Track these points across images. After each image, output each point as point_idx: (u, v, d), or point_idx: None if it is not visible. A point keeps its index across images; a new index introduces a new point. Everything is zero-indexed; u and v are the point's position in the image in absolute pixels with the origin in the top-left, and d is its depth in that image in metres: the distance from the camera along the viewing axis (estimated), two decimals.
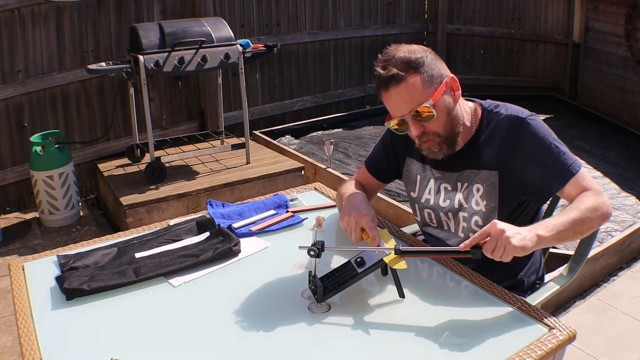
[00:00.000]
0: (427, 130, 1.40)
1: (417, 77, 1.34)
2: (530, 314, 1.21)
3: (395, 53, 1.37)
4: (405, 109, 1.36)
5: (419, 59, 1.35)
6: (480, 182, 1.46)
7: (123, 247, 1.50)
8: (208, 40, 3.33)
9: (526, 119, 1.41)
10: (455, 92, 1.42)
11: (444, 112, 1.38)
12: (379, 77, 1.37)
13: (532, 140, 1.40)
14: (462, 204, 1.50)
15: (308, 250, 1.25)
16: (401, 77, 1.33)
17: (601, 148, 4.34)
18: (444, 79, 1.38)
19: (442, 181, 1.53)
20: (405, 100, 1.35)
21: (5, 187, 3.56)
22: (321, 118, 4.93)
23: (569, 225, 1.26)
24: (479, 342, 1.13)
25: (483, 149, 1.45)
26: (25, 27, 3.44)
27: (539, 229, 1.23)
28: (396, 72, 1.33)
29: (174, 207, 3.25)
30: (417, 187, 1.59)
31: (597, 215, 1.31)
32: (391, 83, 1.34)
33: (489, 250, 1.19)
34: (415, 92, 1.34)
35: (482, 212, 1.47)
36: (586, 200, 1.32)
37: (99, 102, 3.83)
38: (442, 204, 1.53)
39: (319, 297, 1.24)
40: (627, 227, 3.03)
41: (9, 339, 2.36)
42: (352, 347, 1.13)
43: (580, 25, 5.09)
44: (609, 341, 2.35)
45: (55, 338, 1.16)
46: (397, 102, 1.37)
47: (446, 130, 1.41)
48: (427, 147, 1.43)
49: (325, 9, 4.89)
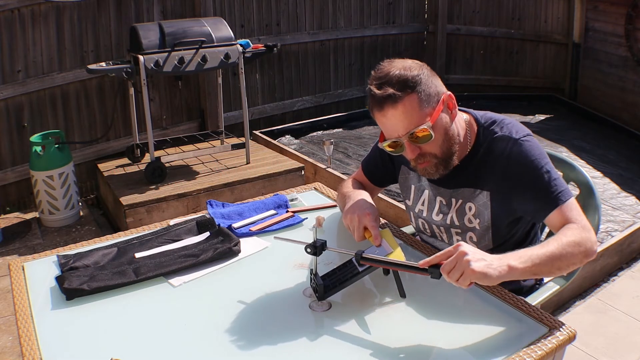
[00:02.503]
0: (423, 151, 1.34)
1: (414, 97, 1.27)
2: (530, 314, 1.21)
3: (389, 70, 1.30)
4: (402, 130, 1.30)
5: (416, 77, 1.28)
6: (473, 201, 1.43)
7: (123, 247, 1.50)
8: (208, 40, 3.33)
9: (519, 140, 1.36)
10: (452, 110, 1.36)
11: (441, 132, 1.33)
12: (374, 97, 1.29)
13: (523, 163, 1.35)
14: (454, 222, 1.47)
15: (305, 247, 1.25)
16: (398, 97, 1.26)
17: (601, 148, 4.34)
18: (441, 96, 1.33)
19: (437, 194, 1.50)
20: (401, 121, 1.29)
21: (5, 187, 3.56)
22: (321, 118, 4.93)
23: (546, 259, 1.18)
24: (479, 342, 1.13)
25: (477, 168, 1.41)
26: (25, 27, 3.44)
27: (511, 258, 1.15)
28: (392, 92, 1.26)
29: (174, 207, 3.25)
30: (411, 196, 1.58)
31: (580, 251, 1.22)
32: (387, 103, 1.27)
33: (446, 270, 1.13)
34: (413, 113, 1.28)
35: (476, 230, 1.45)
36: (569, 233, 1.24)
37: (99, 102, 3.83)
38: (435, 218, 1.51)
39: (319, 295, 1.24)
40: (627, 227, 3.03)
41: (9, 339, 2.36)
42: (352, 346, 1.13)
43: (580, 25, 5.09)
44: (609, 341, 2.35)
45: (55, 338, 1.16)
46: (393, 123, 1.30)
47: (443, 150, 1.35)
48: (422, 168, 1.38)
49: (325, 9, 4.89)
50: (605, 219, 3.14)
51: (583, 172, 1.65)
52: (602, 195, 3.47)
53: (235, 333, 1.17)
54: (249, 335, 1.16)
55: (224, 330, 1.18)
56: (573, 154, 4.06)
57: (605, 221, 3.12)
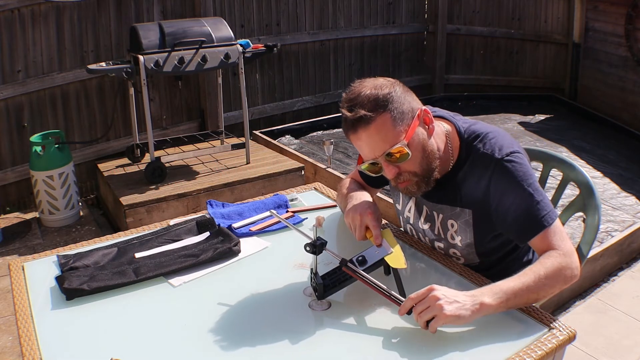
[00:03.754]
0: (402, 170, 1.31)
1: (386, 116, 1.24)
2: (530, 314, 1.21)
3: (360, 90, 1.27)
4: (378, 151, 1.27)
5: (387, 96, 1.25)
6: (454, 218, 1.41)
7: (123, 247, 1.50)
8: (208, 40, 3.33)
9: (502, 160, 1.30)
10: (429, 125, 1.32)
11: (418, 149, 1.29)
12: (346, 120, 1.27)
13: (505, 185, 1.30)
14: (440, 234, 1.46)
15: (305, 245, 1.25)
16: (370, 118, 1.23)
17: (601, 148, 4.34)
18: (416, 112, 1.29)
19: (423, 204, 1.49)
20: (376, 142, 1.26)
21: (5, 187, 3.56)
22: (321, 118, 4.92)
23: (521, 292, 1.17)
24: (479, 342, 1.13)
25: (459, 185, 1.38)
26: (25, 27, 3.44)
27: (485, 295, 1.15)
28: (364, 114, 1.23)
29: (174, 207, 3.25)
30: (400, 200, 1.58)
31: (559, 280, 1.22)
32: (360, 125, 1.24)
33: (417, 311, 1.12)
34: (387, 132, 1.25)
35: (458, 247, 1.44)
36: (548, 263, 1.22)
37: (99, 102, 3.83)
38: (423, 226, 1.51)
39: (319, 294, 1.24)
40: (627, 227, 3.03)
41: (9, 339, 2.36)
42: (352, 346, 1.13)
43: (580, 25, 5.09)
44: (609, 341, 2.35)
45: (55, 338, 1.16)
46: (368, 145, 1.27)
47: (422, 168, 1.31)
48: (403, 187, 1.35)
49: (325, 9, 4.89)
50: (605, 219, 3.14)
51: (583, 172, 1.65)
52: (602, 195, 3.47)
53: (235, 333, 1.17)
54: (249, 335, 1.16)
55: (224, 330, 1.18)
56: (573, 154, 4.06)
57: (605, 221, 3.12)
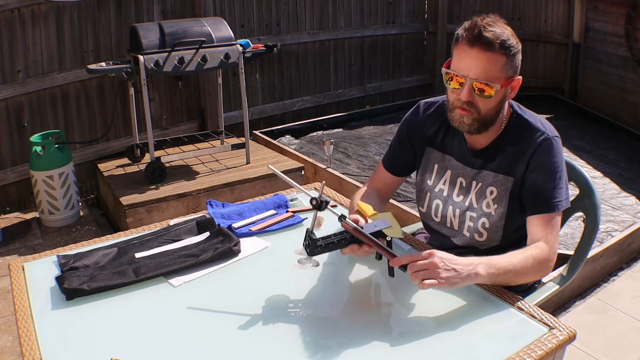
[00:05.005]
0: (474, 102, 1.38)
1: (503, 59, 1.35)
2: (530, 314, 1.21)
3: (502, 24, 1.38)
4: (474, 73, 1.35)
5: (514, 48, 1.37)
6: (496, 185, 1.47)
7: (123, 247, 1.50)
8: (208, 40, 3.33)
9: (552, 137, 1.44)
10: (513, 91, 1.43)
11: (497, 100, 1.39)
12: (477, 31, 1.34)
13: (546, 162, 1.41)
14: (473, 204, 1.50)
15: (310, 200, 1.26)
16: (493, 48, 1.33)
17: (601, 148, 4.34)
18: (516, 75, 1.40)
19: (459, 175, 1.53)
20: (480, 67, 1.34)
21: (5, 187, 3.56)
22: (321, 118, 4.92)
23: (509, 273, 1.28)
24: (479, 342, 1.13)
25: (505, 152, 1.46)
26: (25, 27, 3.44)
27: (480, 266, 1.23)
28: (493, 40, 1.33)
29: (174, 207, 3.25)
30: (433, 175, 1.59)
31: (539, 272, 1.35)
32: (482, 44, 1.33)
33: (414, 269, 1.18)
34: (493, 68, 1.34)
35: (491, 215, 1.47)
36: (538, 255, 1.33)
37: (99, 102, 3.83)
38: (456, 199, 1.53)
39: (310, 250, 1.25)
40: (627, 227, 3.03)
41: (9, 339, 2.36)
42: (352, 347, 1.13)
43: (580, 25, 5.09)
44: (609, 341, 2.35)
45: (55, 338, 1.16)
46: (473, 62, 1.35)
47: (486, 114, 1.40)
48: (460, 114, 1.41)
49: (325, 9, 4.89)
50: (605, 219, 3.14)
51: (583, 172, 1.65)
52: (602, 195, 3.47)
53: (235, 333, 1.17)
54: (248, 335, 1.16)
55: (223, 330, 1.18)
56: (573, 154, 4.06)
57: (605, 221, 3.12)
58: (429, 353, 1.11)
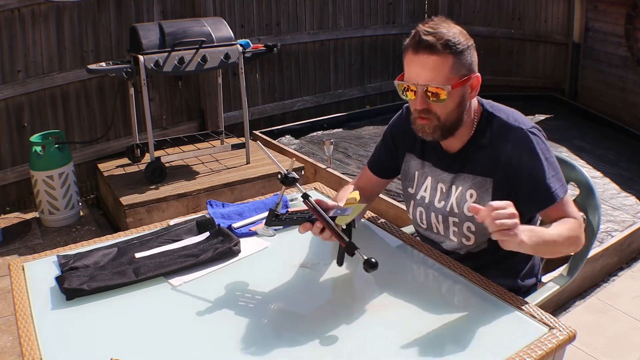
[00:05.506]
0: (430, 108, 1.37)
1: (450, 59, 1.32)
2: (530, 314, 1.21)
3: (446, 24, 1.35)
4: (423, 79, 1.33)
5: (461, 45, 1.33)
6: (475, 187, 1.44)
7: (123, 247, 1.50)
8: (208, 40, 3.33)
9: (528, 131, 1.40)
10: (473, 91, 1.41)
11: (455, 102, 1.36)
12: (418, 37, 1.33)
13: (528, 155, 1.38)
14: (454, 209, 1.48)
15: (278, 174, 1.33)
16: (437, 50, 1.31)
17: (601, 148, 4.34)
18: (471, 74, 1.37)
19: (438, 180, 1.52)
20: (427, 71, 1.33)
21: (5, 187, 3.56)
22: (321, 118, 4.92)
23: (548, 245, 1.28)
24: (479, 342, 1.13)
25: (481, 153, 1.43)
26: (25, 27, 3.44)
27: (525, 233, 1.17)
28: (434, 42, 1.31)
29: (174, 207, 3.25)
30: (414, 183, 1.58)
31: (572, 245, 1.36)
32: (426, 49, 1.31)
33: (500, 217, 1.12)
34: (441, 71, 1.32)
35: (474, 218, 1.45)
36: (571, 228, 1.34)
37: (99, 102, 3.83)
38: (437, 205, 1.52)
39: (267, 220, 1.31)
40: (627, 227, 3.03)
41: (9, 339, 2.36)
42: (352, 347, 1.13)
43: (580, 25, 5.09)
44: (609, 341, 2.35)
45: (55, 338, 1.16)
46: (419, 69, 1.34)
47: (447, 119, 1.38)
48: (421, 124, 1.40)
49: (325, 9, 4.89)
50: (605, 219, 3.14)
51: (583, 172, 1.65)
52: (602, 195, 3.47)
53: (234, 333, 1.17)
54: (248, 335, 1.16)
55: (223, 330, 1.18)
56: (573, 154, 4.06)
57: (605, 221, 3.12)
58: (429, 353, 1.11)
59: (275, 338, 1.16)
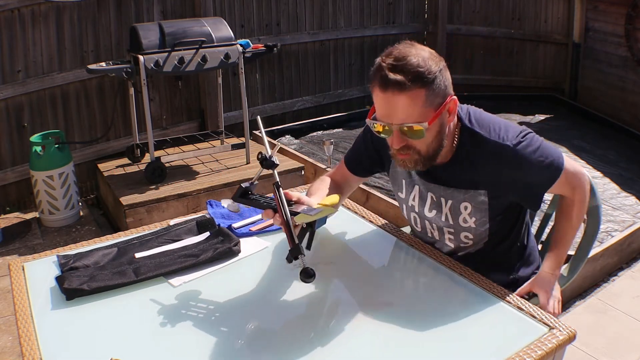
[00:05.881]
0: (409, 145, 1.29)
1: (422, 93, 1.21)
2: (530, 314, 1.21)
3: (410, 54, 1.22)
4: (397, 119, 1.24)
5: (432, 74, 1.22)
6: (468, 201, 1.41)
7: (123, 247, 1.50)
8: (208, 40, 3.33)
9: (512, 146, 1.32)
10: (451, 114, 1.32)
11: (433, 133, 1.29)
12: (381, 75, 1.22)
13: (519, 171, 1.34)
14: (449, 221, 1.46)
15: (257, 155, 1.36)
16: (407, 87, 1.20)
17: (601, 148, 4.34)
18: (446, 99, 1.27)
19: (428, 189, 1.47)
20: (401, 111, 1.23)
21: (5, 187, 3.56)
22: (321, 118, 4.92)
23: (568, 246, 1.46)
24: (478, 342, 1.13)
25: (468, 169, 1.37)
26: (25, 27, 3.44)
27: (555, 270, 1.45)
28: (404, 81, 1.20)
29: (174, 207, 3.24)
30: (403, 190, 1.55)
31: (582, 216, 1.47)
32: (394, 88, 1.21)
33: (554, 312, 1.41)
34: (415, 108, 1.22)
35: (471, 228, 1.44)
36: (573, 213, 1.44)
37: (99, 102, 3.83)
38: (428, 214, 1.49)
39: (235, 195, 1.33)
40: (627, 227, 3.03)
41: (9, 339, 2.36)
42: (352, 346, 1.13)
43: (580, 25, 5.09)
44: (609, 341, 2.35)
45: (55, 338, 1.16)
46: (391, 109, 1.24)
47: (429, 149, 1.31)
48: (401, 159, 1.33)
49: (325, 9, 4.89)
50: (605, 219, 3.14)
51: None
52: (602, 195, 3.47)
53: (234, 333, 1.17)
54: (248, 335, 1.16)
55: (223, 330, 1.18)
56: (573, 154, 4.06)
57: (605, 221, 3.12)
58: (428, 353, 1.11)
59: (276, 338, 1.16)
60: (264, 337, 1.16)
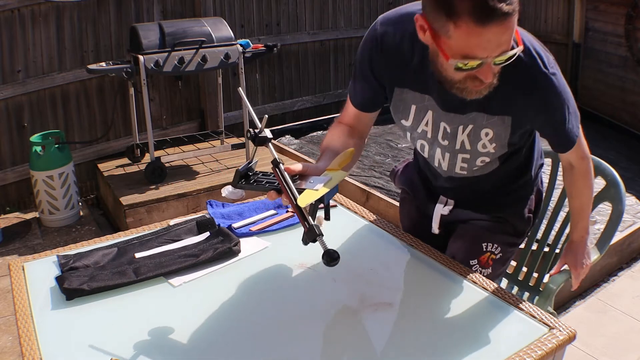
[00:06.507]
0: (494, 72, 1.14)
1: (516, 17, 1.07)
2: (530, 314, 1.21)
3: None
4: (496, 51, 1.08)
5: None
6: (491, 127, 1.32)
7: (123, 247, 1.50)
8: (208, 40, 3.33)
9: (548, 74, 1.24)
10: None
11: None
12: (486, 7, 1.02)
13: (548, 98, 1.26)
14: (465, 147, 1.37)
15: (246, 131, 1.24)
16: (513, 14, 1.04)
17: (601, 148, 4.34)
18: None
19: (442, 119, 1.36)
20: (502, 41, 1.07)
21: (5, 187, 3.56)
22: (321, 118, 4.92)
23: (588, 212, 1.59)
24: (478, 342, 1.13)
25: (496, 92, 1.21)
26: (25, 27, 3.44)
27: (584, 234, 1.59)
28: (511, 10, 1.03)
29: (174, 207, 3.25)
30: (410, 116, 1.41)
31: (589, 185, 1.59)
32: (498, 17, 1.02)
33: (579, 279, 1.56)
34: (512, 34, 1.08)
35: (489, 153, 1.38)
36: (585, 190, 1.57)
37: (99, 102, 3.83)
38: (442, 142, 1.40)
39: (233, 180, 1.22)
40: (627, 227, 3.03)
41: (9, 339, 2.36)
42: (351, 346, 1.13)
43: (580, 25, 5.09)
44: (609, 341, 2.35)
45: (55, 338, 1.16)
46: (491, 43, 1.06)
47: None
48: (478, 90, 1.17)
49: (325, 9, 4.89)
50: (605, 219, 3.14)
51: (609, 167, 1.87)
52: None
53: (235, 333, 1.17)
54: (248, 335, 1.16)
55: (223, 330, 1.18)
56: None
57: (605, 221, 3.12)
58: (428, 353, 1.11)
59: (276, 338, 1.16)
60: (264, 337, 1.16)
